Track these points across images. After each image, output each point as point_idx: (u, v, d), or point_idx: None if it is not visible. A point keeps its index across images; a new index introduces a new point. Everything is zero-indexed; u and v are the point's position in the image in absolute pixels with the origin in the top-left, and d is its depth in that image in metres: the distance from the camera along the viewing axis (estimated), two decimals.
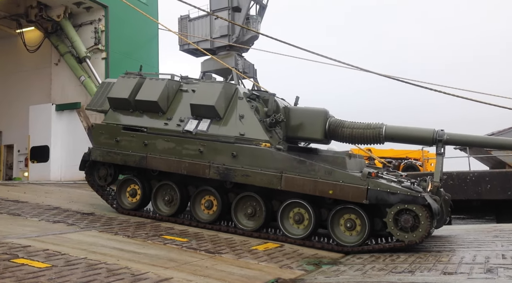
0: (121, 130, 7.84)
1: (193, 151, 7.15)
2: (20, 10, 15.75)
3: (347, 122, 7.12)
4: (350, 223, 6.12)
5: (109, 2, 14.77)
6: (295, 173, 6.34)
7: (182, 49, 37.54)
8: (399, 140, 7.17)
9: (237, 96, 7.29)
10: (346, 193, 6.00)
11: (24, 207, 7.58)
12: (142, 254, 4.78)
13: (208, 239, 6.04)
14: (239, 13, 34.53)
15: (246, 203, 6.88)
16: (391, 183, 6.00)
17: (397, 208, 5.73)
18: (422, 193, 5.75)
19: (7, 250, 4.34)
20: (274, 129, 7.13)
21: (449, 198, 7.33)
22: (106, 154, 7.93)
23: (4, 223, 5.96)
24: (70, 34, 14.98)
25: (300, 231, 6.39)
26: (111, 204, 8.11)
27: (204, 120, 7.33)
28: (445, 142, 6.56)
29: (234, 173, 6.74)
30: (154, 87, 7.68)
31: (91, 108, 8.65)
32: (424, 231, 5.63)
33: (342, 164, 6.22)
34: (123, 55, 15.64)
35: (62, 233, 5.60)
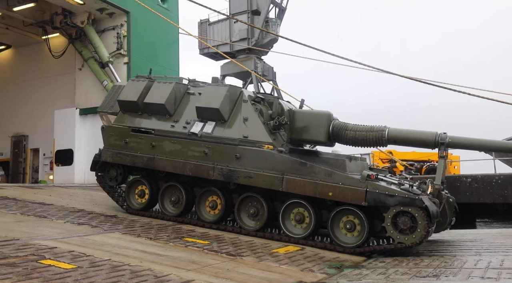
0: (130, 132, 8.04)
1: (198, 153, 7.32)
2: (46, 17, 16.18)
3: (350, 125, 7.17)
4: (350, 225, 6.19)
5: (131, 7, 15.02)
6: (296, 175, 6.46)
7: (202, 52, 37.90)
8: (402, 143, 7.20)
9: (242, 99, 7.40)
10: (345, 195, 6.09)
11: (50, 209, 7.76)
12: (164, 256, 4.83)
13: (228, 242, 6.06)
14: (259, 16, 34.65)
15: (249, 203, 7.03)
16: (390, 185, 6.03)
17: (394, 211, 5.80)
18: (420, 195, 5.78)
19: (34, 251, 4.45)
20: (278, 132, 7.25)
21: (453, 200, 7.31)
22: (115, 155, 8.14)
23: (32, 225, 6.11)
24: (94, 39, 15.28)
25: (301, 231, 6.51)
26: (121, 205, 8.33)
27: (209, 122, 7.47)
28: (447, 145, 6.60)
29: (237, 175, 6.90)
30: (161, 90, 7.85)
31: (102, 111, 8.87)
32: (422, 232, 5.66)
33: (342, 166, 6.32)
34: (144, 59, 15.87)
35: (87, 235, 5.71)
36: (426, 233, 5.69)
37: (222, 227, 7.08)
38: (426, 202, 5.72)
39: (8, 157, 18.35)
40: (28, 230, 5.64)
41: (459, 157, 21.72)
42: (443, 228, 7.35)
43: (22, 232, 5.45)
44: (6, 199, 8.53)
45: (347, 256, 5.85)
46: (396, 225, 5.84)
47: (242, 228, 6.92)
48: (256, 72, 32.88)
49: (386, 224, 5.87)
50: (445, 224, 7.16)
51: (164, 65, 16.85)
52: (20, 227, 5.83)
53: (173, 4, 17.12)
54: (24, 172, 17.95)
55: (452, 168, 22.14)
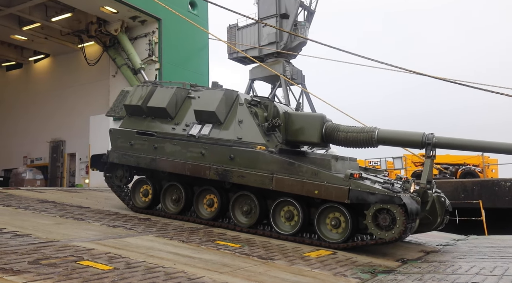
0: (135, 135, 8.50)
1: (196, 154, 7.72)
2: (82, 26, 16.80)
3: (342, 126, 7.40)
4: (335, 221, 6.48)
5: (162, 15, 15.37)
6: (285, 174, 6.77)
7: (231, 57, 38.25)
8: (391, 143, 7.41)
9: (238, 102, 7.74)
10: (330, 193, 6.38)
11: (86, 212, 8.01)
12: (197, 259, 4.89)
13: (260, 245, 6.07)
14: (287, 20, 34.64)
15: (242, 201, 7.38)
16: (374, 184, 6.26)
17: (374, 208, 6.05)
18: (400, 193, 5.98)
19: (73, 252, 4.61)
20: (273, 133, 7.49)
21: (445, 200, 7.45)
22: (121, 156, 8.64)
23: (70, 227, 6.32)
24: (127, 47, 15.73)
25: (289, 228, 6.82)
26: (127, 204, 8.83)
27: (206, 125, 7.84)
28: (433, 145, 6.76)
29: (231, 174, 7.26)
30: (164, 95, 8.28)
31: (110, 115, 9.43)
32: (401, 228, 5.87)
33: (327, 166, 6.64)
34: (175, 65, 16.20)
35: (122, 237, 5.85)
36: (404, 229, 5.87)
37: (217, 224, 7.48)
38: (405, 200, 5.90)
39: (46, 161, 19.09)
40: (67, 232, 5.84)
41: (497, 160, 20.90)
42: (435, 227, 7.48)
43: (62, 234, 5.65)
44: (46, 202, 8.87)
45: (380, 260, 5.74)
46: (377, 221, 6.07)
47: (235, 225, 7.30)
48: (285, 76, 32.86)
49: (368, 221, 6.11)
50: (435, 223, 7.26)
51: (194, 70, 17.13)
52: (59, 229, 6.05)
53: (203, 10, 17.40)
54: (61, 176, 18.61)
55: (490, 171, 21.32)
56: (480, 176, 19.84)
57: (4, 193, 10.03)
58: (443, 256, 6.40)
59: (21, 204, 8.25)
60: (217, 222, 7.50)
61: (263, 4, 35.94)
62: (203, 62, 17.79)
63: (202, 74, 17.58)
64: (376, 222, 6.07)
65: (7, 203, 8.33)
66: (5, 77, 21.89)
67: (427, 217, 7.04)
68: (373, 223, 6.09)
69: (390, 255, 6.32)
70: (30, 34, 17.37)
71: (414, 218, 6.11)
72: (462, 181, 16.58)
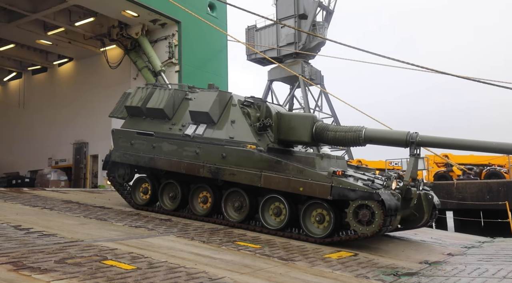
0: (135, 135, 8.90)
1: (190, 153, 8.07)
2: (104, 30, 17.12)
3: (331, 126, 7.70)
4: (319, 217, 6.75)
5: (181, 17, 15.52)
6: (273, 172, 7.08)
7: (249, 58, 38.33)
8: (377, 142, 7.62)
9: (231, 103, 8.07)
10: (314, 190, 6.64)
11: (109, 212, 8.16)
12: (217, 259, 4.92)
13: (280, 246, 6.07)
14: (306, 20, 34.51)
15: (234, 198, 7.71)
16: (357, 181, 6.48)
17: (354, 205, 6.28)
18: (379, 190, 6.22)
19: (97, 252, 4.70)
20: (265, 133, 7.79)
21: (432, 197, 7.64)
22: (123, 155, 9.05)
23: (94, 227, 6.45)
24: (147, 50, 15.94)
25: (277, 223, 7.12)
26: (128, 201, 9.22)
27: (201, 125, 8.19)
28: (417, 143, 6.99)
29: (223, 172, 7.59)
30: (161, 96, 8.68)
31: (113, 116, 9.81)
32: (379, 221, 6.11)
33: (312, 163, 6.93)
34: (194, 67, 16.33)
35: (144, 237, 5.94)
36: (383, 222, 6.10)
37: (212, 219, 7.84)
38: (383, 196, 6.14)
39: (70, 163, 19.52)
40: (91, 232, 5.97)
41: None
42: (423, 223, 7.68)
43: (86, 234, 5.77)
44: (70, 203, 9.08)
45: (403, 262, 5.66)
46: (358, 217, 6.31)
47: (227, 220, 7.65)
48: (304, 76, 32.73)
49: (349, 219, 6.34)
50: (422, 219, 7.47)
51: (213, 72, 17.23)
52: (83, 229, 6.18)
53: (222, 12, 17.49)
54: (84, 177, 18.99)
55: None
56: (506, 177, 19.32)
57: (30, 194, 10.32)
58: (468, 258, 6.26)
59: (47, 205, 8.46)
60: (211, 218, 7.84)
61: (282, 5, 35.90)
62: (222, 63, 17.88)
63: (221, 75, 17.67)
64: (357, 218, 6.31)
65: (33, 203, 8.56)
66: (31, 81, 22.50)
67: (413, 213, 7.34)
68: (354, 219, 6.31)
69: (412, 257, 6.23)
70: (54, 38, 17.80)
71: (393, 213, 6.32)
72: (487, 182, 16.19)
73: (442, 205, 16.74)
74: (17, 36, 17.92)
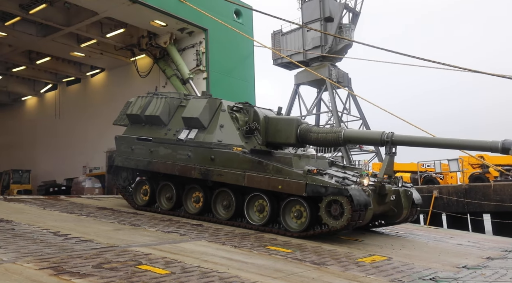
0: (135, 140, 9.52)
1: (183, 156, 8.64)
2: (134, 40, 17.61)
3: (314, 128, 8.16)
4: (297, 213, 7.23)
5: (208, 25, 15.75)
6: (255, 171, 7.56)
7: (275, 63, 38.40)
8: (356, 142, 8.74)
9: (221, 109, 8.61)
10: (291, 188, 7.11)
11: (142, 218, 8.33)
12: (249, 264, 4.94)
13: (311, 250, 6.02)
14: (332, 23, 34.29)
15: (223, 197, 8.25)
16: (332, 179, 6.87)
17: (326, 200, 6.74)
18: (349, 186, 6.64)
19: (132, 257, 4.81)
20: (253, 135, 8.37)
21: (411, 194, 7.97)
22: (124, 160, 9.72)
23: (128, 233, 6.61)
24: (175, 58, 16.26)
25: (260, 219, 7.65)
26: (130, 202, 9.80)
27: (193, 130, 8.73)
28: (392, 142, 7.40)
29: (212, 173, 8.13)
30: (158, 104, 9.29)
31: (116, 123, 10.55)
32: (348, 215, 6.52)
33: (289, 163, 7.38)
34: (222, 74, 16.51)
35: (176, 242, 6.03)
36: (351, 217, 6.49)
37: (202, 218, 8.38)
38: (351, 192, 6.55)
39: (104, 170, 20.05)
40: (125, 237, 6.11)
41: None
42: (403, 219, 8.05)
43: (121, 239, 5.91)
44: (104, 210, 9.34)
45: (439, 266, 5.50)
46: (330, 212, 6.74)
47: (216, 218, 8.18)
48: (331, 79, 32.48)
49: (321, 213, 6.78)
50: (401, 215, 7.82)
51: (240, 78, 17.37)
52: (118, 234, 6.34)
53: (248, 19, 17.63)
54: None
55: None
56: None
57: (67, 201, 10.68)
58: (509, 262, 6.02)
59: (83, 212, 8.73)
60: (202, 216, 8.42)
61: (307, 9, 35.83)
62: (249, 69, 18.00)
63: (248, 81, 17.79)
64: (330, 212, 6.75)
65: (70, 210, 8.86)
66: (65, 92, 23.38)
67: (392, 209, 7.75)
68: (326, 214, 6.76)
69: (449, 261, 6.04)
70: (87, 50, 18.44)
71: (362, 208, 6.67)
72: None
73: (479, 208, 16.23)
74: (53, 49, 18.70)
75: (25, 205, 9.40)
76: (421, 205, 8.72)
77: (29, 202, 10.01)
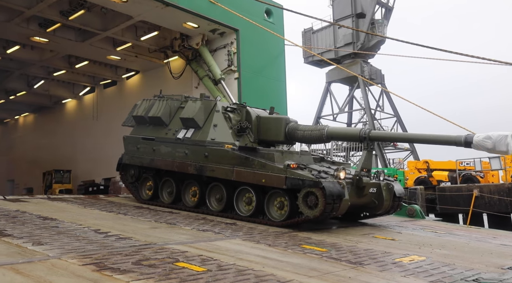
0: (140, 140, 10.35)
1: (181, 153, 9.39)
2: (167, 43, 17.95)
3: (301, 126, 8.77)
4: (280, 204, 7.92)
5: (239, 25, 15.83)
6: (242, 167, 8.19)
7: (306, 61, 38.15)
8: (338, 139, 9.22)
9: (215, 109, 9.29)
10: (273, 181, 7.72)
11: (177, 217, 8.50)
12: (284, 262, 4.94)
13: (346, 250, 5.95)
14: (364, 19, 33.69)
15: (216, 191, 8.95)
16: (311, 172, 7.44)
17: (304, 192, 7.34)
18: (324, 179, 7.21)
19: (169, 254, 4.92)
20: (245, 134, 9.04)
21: (392, 187, 8.51)
22: (131, 158, 10.59)
23: (164, 231, 6.76)
24: (207, 59, 16.44)
25: (247, 211, 8.32)
26: (135, 197, 10.67)
27: (190, 129, 9.44)
28: (369, 138, 7.92)
29: (206, 169, 8.83)
30: (160, 106, 10.09)
31: (125, 124, 11.37)
32: (321, 207, 7.15)
33: (272, 158, 7.97)
34: (253, 73, 16.55)
35: (211, 240, 6.11)
36: (324, 208, 7.12)
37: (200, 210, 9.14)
38: (325, 184, 7.13)
39: None
40: (162, 235, 6.25)
41: None
42: (383, 211, 8.63)
43: (158, 237, 6.05)
44: (141, 209, 9.58)
45: (482, 267, 5.30)
46: (306, 202, 7.33)
47: (209, 210, 8.91)
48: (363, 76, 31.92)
49: (299, 202, 7.40)
50: (382, 207, 8.39)
51: (272, 77, 17.35)
52: (155, 232, 6.50)
53: (278, 18, 17.59)
54: None
55: None
56: None
57: (106, 200, 11.03)
58: None
59: (121, 210, 9.00)
60: (198, 209, 9.13)
61: (338, 6, 35.38)
62: (280, 68, 17.95)
63: (280, 80, 17.74)
64: (306, 203, 7.33)
65: (109, 209, 9.15)
66: (102, 94, 24.15)
67: (373, 201, 8.30)
68: (303, 204, 7.36)
69: (492, 262, 5.81)
70: (122, 53, 18.95)
71: (336, 198, 7.24)
72: None
73: None
74: (90, 53, 19.34)
75: (67, 204, 9.78)
76: (461, 204, 8.79)
77: (71, 201, 10.41)
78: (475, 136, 6.98)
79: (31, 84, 24.01)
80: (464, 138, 7.07)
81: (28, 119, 31.13)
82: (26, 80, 23.96)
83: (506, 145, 6.70)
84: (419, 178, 22.98)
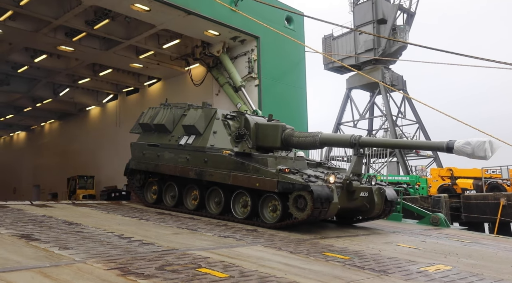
0: (146, 146, 10.84)
1: (183, 159, 9.81)
2: (188, 50, 18.20)
3: (296, 133, 9.16)
4: (273, 207, 8.28)
5: (260, 33, 15.92)
6: (238, 171, 8.54)
7: (327, 68, 37.99)
8: (330, 145, 9.58)
9: (215, 117, 9.67)
10: (266, 185, 8.07)
11: (198, 223, 8.53)
12: (307, 270, 4.90)
13: (370, 258, 5.86)
14: (385, 25, 33.41)
15: (215, 195, 9.36)
16: (302, 177, 7.72)
17: (294, 195, 7.68)
18: (313, 183, 7.51)
19: (192, 260, 4.94)
20: (243, 140, 9.38)
21: (384, 191, 8.83)
22: (137, 163, 11.10)
23: (186, 237, 6.80)
24: (228, 66, 16.57)
25: (243, 213, 8.73)
26: (141, 200, 11.17)
27: (191, 136, 9.84)
28: (359, 144, 8.27)
29: (205, 174, 9.22)
30: (164, 114, 10.56)
31: (133, 131, 11.85)
32: (309, 210, 7.49)
33: (266, 163, 8.34)
34: (273, 80, 16.59)
35: (233, 247, 6.11)
36: (311, 212, 7.46)
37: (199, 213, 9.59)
38: (313, 188, 7.42)
39: None
40: (184, 241, 6.29)
41: None
42: (375, 214, 8.92)
43: (180, 243, 6.09)
44: (163, 214, 9.68)
45: (509, 276, 5.14)
46: (297, 205, 7.67)
47: (208, 213, 9.29)
48: (384, 82, 31.57)
49: (290, 205, 7.75)
50: (373, 210, 8.69)
51: (292, 84, 17.35)
52: (177, 238, 6.54)
53: (299, 24, 17.62)
54: None
55: None
56: None
57: (128, 206, 11.19)
58: None
59: (143, 216, 9.10)
60: (198, 212, 9.53)
61: (359, 12, 35.23)
62: (300, 75, 17.95)
63: (300, 87, 17.73)
64: (297, 206, 7.67)
65: (131, 215, 9.27)
66: (125, 101, 24.60)
67: (365, 205, 8.55)
68: (293, 207, 7.70)
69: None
70: (145, 61, 19.31)
71: (324, 201, 7.52)
72: None
73: None
74: (114, 62, 19.78)
75: (90, 209, 9.96)
76: (487, 213, 8.70)
77: (94, 206, 10.60)
78: (456, 142, 7.22)
79: (57, 92, 24.69)
80: (446, 144, 7.36)
81: (53, 126, 31.98)
82: (52, 88, 24.66)
83: (484, 150, 6.82)
84: (443, 186, 22.50)
